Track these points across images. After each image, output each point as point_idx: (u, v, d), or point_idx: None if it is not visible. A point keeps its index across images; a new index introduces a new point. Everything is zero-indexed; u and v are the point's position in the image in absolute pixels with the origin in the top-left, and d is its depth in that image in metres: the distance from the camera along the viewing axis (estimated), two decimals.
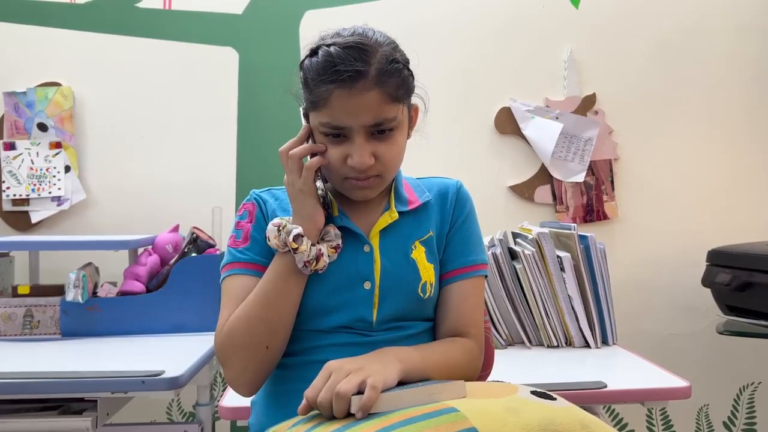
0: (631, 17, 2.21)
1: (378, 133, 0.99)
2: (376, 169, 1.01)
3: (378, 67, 0.97)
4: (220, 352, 1.01)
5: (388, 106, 0.98)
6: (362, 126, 0.97)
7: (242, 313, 1.00)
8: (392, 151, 1.01)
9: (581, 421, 0.79)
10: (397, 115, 1.00)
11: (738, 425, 2.26)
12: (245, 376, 1.01)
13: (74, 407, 1.39)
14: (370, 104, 0.96)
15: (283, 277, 1.00)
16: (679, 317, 2.22)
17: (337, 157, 1.00)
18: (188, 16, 2.15)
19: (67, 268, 1.75)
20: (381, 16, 2.17)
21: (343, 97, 0.96)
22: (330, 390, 0.83)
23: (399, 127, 1.01)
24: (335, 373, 0.85)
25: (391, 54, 0.99)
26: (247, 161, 2.16)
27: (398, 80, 0.99)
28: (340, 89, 0.95)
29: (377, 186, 1.04)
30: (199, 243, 1.82)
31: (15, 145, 2.11)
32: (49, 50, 2.13)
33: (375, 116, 0.97)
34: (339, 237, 1.03)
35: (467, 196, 1.15)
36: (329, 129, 0.99)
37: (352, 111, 0.96)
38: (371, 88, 0.96)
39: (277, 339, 1.00)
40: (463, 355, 1.05)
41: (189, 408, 2.15)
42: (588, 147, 2.18)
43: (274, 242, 0.99)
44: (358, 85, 0.95)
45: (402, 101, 1.01)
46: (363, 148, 0.98)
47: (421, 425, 0.76)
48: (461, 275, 1.09)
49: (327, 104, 0.97)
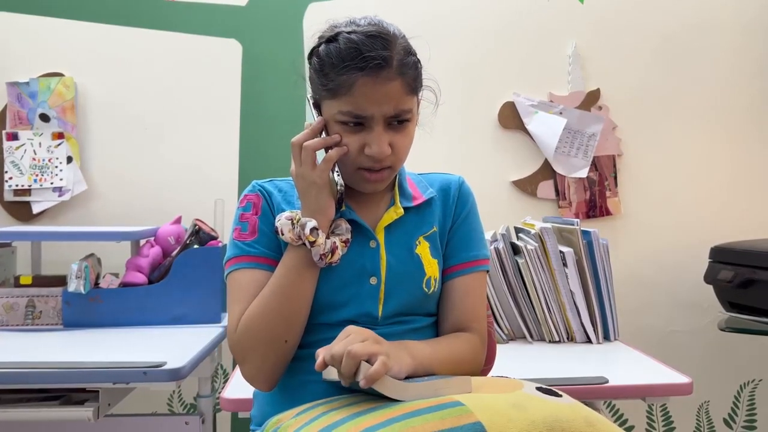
0: (636, 13, 2.21)
1: (396, 123, 1.00)
2: (390, 160, 1.01)
3: (399, 57, 0.97)
4: (236, 348, 1.00)
5: (407, 96, 0.99)
6: (383, 115, 0.97)
7: (258, 309, 0.99)
8: (406, 142, 1.02)
9: (586, 418, 0.79)
10: (413, 107, 1.01)
11: (738, 422, 2.26)
12: (264, 372, 1.00)
13: (76, 398, 1.39)
14: (392, 94, 0.97)
15: (298, 270, 0.99)
16: (680, 314, 2.22)
17: (354, 147, 0.99)
18: (192, 8, 2.15)
19: (69, 259, 1.75)
20: (385, 9, 2.13)
21: (368, 84, 0.95)
22: (345, 346, 0.85)
23: (413, 119, 1.03)
24: (354, 334, 0.88)
25: (408, 46, 1.01)
26: (249, 153, 2.16)
27: (415, 72, 1.00)
28: (366, 77, 0.95)
29: (387, 178, 1.04)
30: (201, 235, 1.82)
31: (17, 136, 2.11)
32: (52, 41, 2.13)
33: (396, 106, 0.98)
34: (349, 231, 1.03)
35: (469, 192, 1.15)
36: (350, 117, 0.98)
37: (376, 100, 0.96)
38: (394, 78, 0.96)
39: (294, 332, 1.00)
40: (467, 350, 1.05)
41: (190, 399, 2.15)
42: (591, 142, 2.17)
43: (289, 236, 0.98)
44: (383, 73, 0.95)
45: (417, 93, 1.02)
46: (382, 137, 0.98)
47: (426, 417, 0.76)
48: (464, 270, 1.10)
49: (350, 92, 0.96)
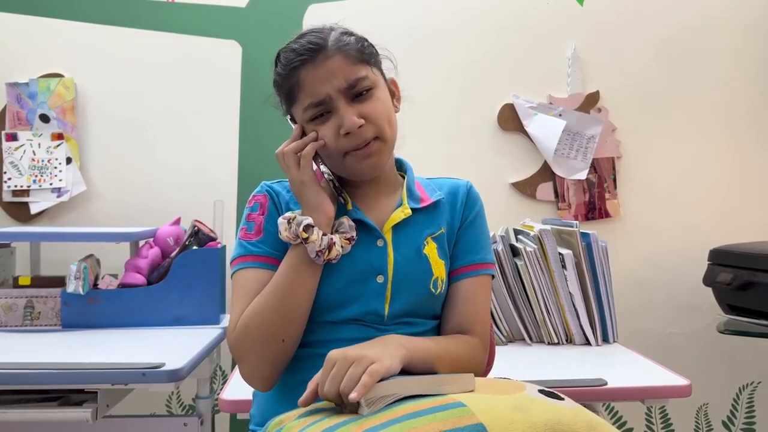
0: (636, 15, 2.21)
1: (358, 96, 1.02)
2: (370, 130, 1.02)
3: (334, 37, 1.03)
4: (235, 347, 1.01)
5: (355, 66, 1.02)
6: (338, 90, 1.01)
7: (257, 307, 0.99)
8: (378, 107, 1.04)
9: (588, 422, 0.79)
10: (368, 75, 1.04)
11: (737, 425, 2.26)
12: (262, 371, 1.00)
13: (74, 398, 1.39)
14: (336, 68, 1.01)
15: (297, 268, 1.00)
16: (679, 316, 2.22)
17: (330, 135, 1.02)
18: (192, 9, 2.15)
19: (68, 260, 1.74)
20: (384, 10, 2.16)
21: (309, 70, 1.01)
22: (333, 381, 0.83)
23: (376, 86, 1.05)
24: (339, 363, 0.85)
25: (346, 30, 1.06)
26: (249, 155, 2.16)
27: (358, 45, 1.04)
28: (304, 67, 1.01)
29: (379, 151, 1.04)
30: (200, 236, 1.82)
31: (17, 136, 2.11)
32: (52, 41, 2.12)
33: (346, 77, 1.01)
34: (353, 229, 1.03)
35: (477, 196, 1.16)
36: (312, 109, 1.02)
37: (322, 79, 1.01)
38: (333, 55, 1.01)
39: (292, 331, 1.00)
40: (466, 351, 1.05)
41: (189, 401, 2.15)
42: (591, 144, 2.18)
43: (286, 235, 1.00)
44: (319, 56, 1.01)
45: (368, 63, 1.05)
46: (348, 111, 1.01)
47: (427, 418, 0.76)
48: (469, 273, 1.10)
49: (300, 86, 1.02)
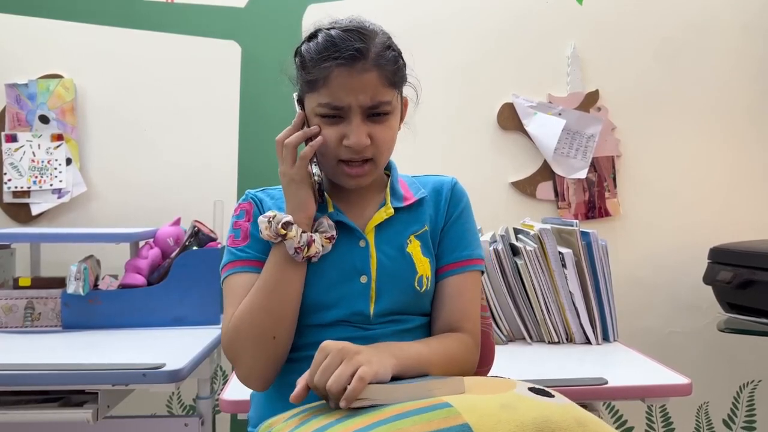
0: (635, 14, 2.21)
1: (374, 115, 1.01)
2: (370, 152, 1.02)
3: (376, 50, 1.00)
4: (228, 349, 1.01)
5: (385, 89, 1.00)
6: (360, 106, 0.99)
7: (245, 307, 1.00)
8: (387, 134, 1.03)
9: (578, 419, 0.78)
10: (392, 100, 1.02)
11: (738, 423, 2.26)
12: (256, 370, 1.01)
13: (75, 399, 1.39)
14: (368, 84, 0.99)
15: (280, 266, 1.00)
16: (680, 314, 2.22)
17: (333, 138, 1.01)
18: (191, 9, 2.15)
19: (68, 261, 1.74)
20: (384, 11, 2.14)
21: (343, 75, 0.98)
22: (323, 374, 0.84)
23: (393, 112, 1.04)
24: (331, 355, 0.86)
25: (387, 41, 1.03)
26: (248, 155, 2.16)
27: (394, 66, 1.02)
28: (340, 67, 0.98)
29: (370, 173, 1.05)
30: (200, 236, 1.82)
31: (17, 137, 2.11)
32: (51, 42, 2.13)
33: (373, 97, 0.99)
34: (333, 228, 1.04)
35: (462, 192, 1.15)
36: (327, 109, 1.00)
37: (351, 89, 0.98)
38: (370, 69, 0.99)
39: (282, 329, 1.00)
40: (458, 350, 1.04)
41: (189, 401, 2.15)
42: (590, 143, 2.18)
43: (266, 233, 1.00)
44: (358, 64, 0.98)
45: (397, 87, 1.04)
46: (360, 128, 1.00)
47: (414, 419, 0.75)
48: (456, 270, 1.10)
49: (326, 83, 0.99)
